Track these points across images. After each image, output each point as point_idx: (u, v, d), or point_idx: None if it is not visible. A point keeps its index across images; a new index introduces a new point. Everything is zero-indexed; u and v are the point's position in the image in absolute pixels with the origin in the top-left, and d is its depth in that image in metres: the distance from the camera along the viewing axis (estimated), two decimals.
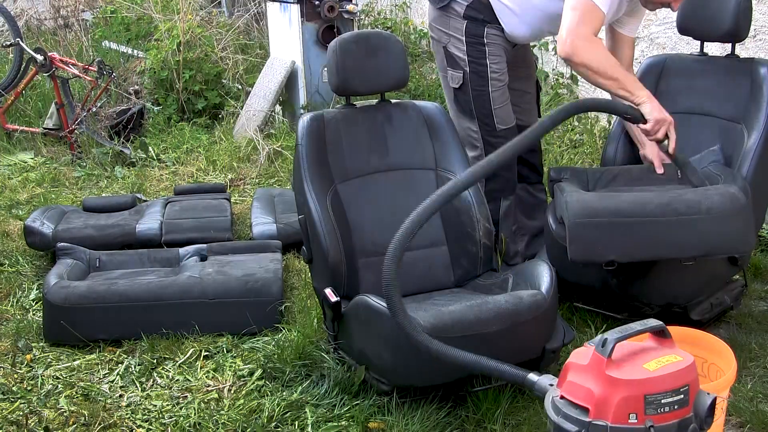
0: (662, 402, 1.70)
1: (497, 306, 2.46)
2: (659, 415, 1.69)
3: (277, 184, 4.86)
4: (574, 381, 1.75)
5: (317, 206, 2.71)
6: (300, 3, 5.49)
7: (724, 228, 2.67)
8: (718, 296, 3.02)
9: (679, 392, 1.71)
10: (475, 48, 2.68)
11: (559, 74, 5.49)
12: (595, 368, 1.71)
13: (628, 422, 1.69)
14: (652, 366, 1.73)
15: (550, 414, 1.77)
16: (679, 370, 1.72)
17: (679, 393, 1.71)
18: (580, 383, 1.73)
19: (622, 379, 1.69)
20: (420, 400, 2.52)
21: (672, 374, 1.71)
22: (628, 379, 1.69)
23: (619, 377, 1.69)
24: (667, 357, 1.76)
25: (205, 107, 5.98)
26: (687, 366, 1.74)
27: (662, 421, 1.70)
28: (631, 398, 1.68)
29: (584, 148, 4.88)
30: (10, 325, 3.14)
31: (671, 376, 1.71)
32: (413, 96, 5.84)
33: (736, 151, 3.01)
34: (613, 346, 1.70)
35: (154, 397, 2.70)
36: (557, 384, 1.81)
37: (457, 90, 2.67)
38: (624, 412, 1.68)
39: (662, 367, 1.73)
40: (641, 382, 1.69)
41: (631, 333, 1.75)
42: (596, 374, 1.71)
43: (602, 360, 1.71)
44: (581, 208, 2.70)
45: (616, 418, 1.68)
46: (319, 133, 2.84)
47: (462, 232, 2.93)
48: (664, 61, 3.35)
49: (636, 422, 1.69)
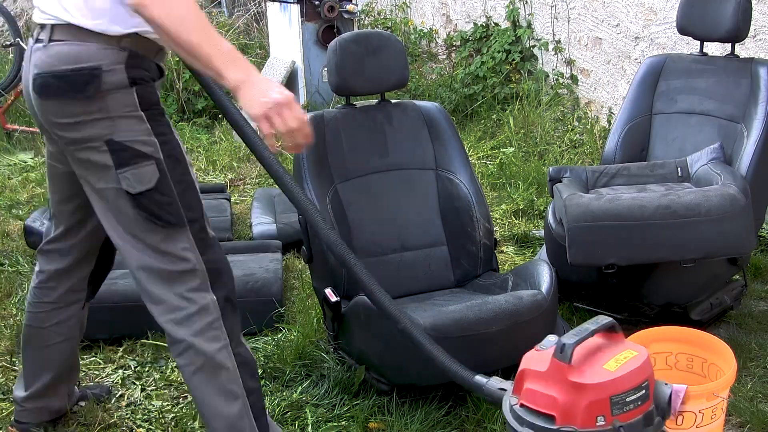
0: (627, 400, 1.71)
1: (497, 306, 2.46)
2: (625, 414, 1.71)
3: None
4: (534, 389, 1.73)
5: (317, 206, 2.71)
6: (300, 3, 5.49)
7: (723, 230, 2.67)
8: (718, 296, 3.02)
9: (641, 388, 1.73)
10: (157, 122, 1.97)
11: (559, 74, 5.49)
12: (556, 375, 1.70)
13: (596, 425, 1.69)
14: (612, 366, 1.74)
15: (512, 423, 1.75)
16: (638, 367, 1.74)
17: (641, 389, 1.73)
18: (541, 391, 1.72)
19: (587, 383, 1.68)
20: (420, 400, 2.52)
21: (633, 372, 1.72)
22: (592, 384, 1.68)
23: (583, 382, 1.68)
24: (624, 354, 1.78)
25: (205, 107, 5.99)
26: (644, 361, 1.76)
27: (629, 419, 1.71)
28: (598, 402, 1.68)
29: (584, 148, 4.89)
30: (10, 325, 3.14)
31: (632, 374, 1.72)
32: (413, 96, 5.84)
33: (736, 151, 3.01)
34: (572, 351, 1.69)
35: (154, 397, 2.70)
36: (514, 391, 1.80)
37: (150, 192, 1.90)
38: (591, 415, 1.69)
39: (622, 366, 1.74)
40: (605, 384, 1.69)
41: (586, 335, 1.75)
42: (558, 381, 1.70)
43: (563, 366, 1.70)
44: (580, 211, 2.70)
45: (583, 423, 1.68)
46: (319, 133, 2.83)
47: (462, 232, 2.93)
48: (664, 61, 3.35)
49: (604, 424, 1.69)
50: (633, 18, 4.83)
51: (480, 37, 6.05)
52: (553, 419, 1.70)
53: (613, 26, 5.01)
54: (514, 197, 4.35)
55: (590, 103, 5.32)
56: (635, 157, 3.29)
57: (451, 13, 6.72)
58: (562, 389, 1.69)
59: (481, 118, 5.57)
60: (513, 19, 5.78)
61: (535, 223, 4.16)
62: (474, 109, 5.67)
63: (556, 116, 5.34)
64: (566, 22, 5.39)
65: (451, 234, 2.95)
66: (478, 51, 6.05)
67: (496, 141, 5.17)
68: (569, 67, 5.44)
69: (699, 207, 2.65)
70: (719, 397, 2.20)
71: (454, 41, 6.41)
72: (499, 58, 5.75)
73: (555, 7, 5.45)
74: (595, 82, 5.25)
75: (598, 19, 5.14)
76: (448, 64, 6.47)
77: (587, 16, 5.23)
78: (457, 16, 6.62)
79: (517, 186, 4.48)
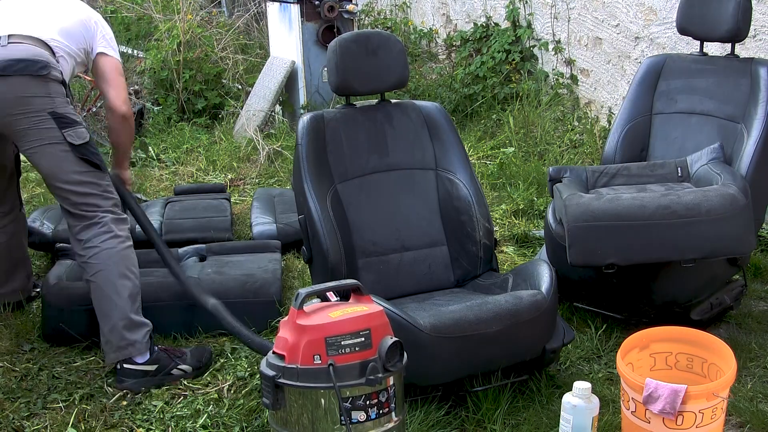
0: (342, 344, 1.98)
1: (497, 306, 2.46)
2: (341, 356, 1.98)
3: (277, 184, 4.86)
4: (279, 335, 2.05)
5: (317, 206, 2.71)
6: (300, 3, 5.49)
7: (724, 230, 2.67)
8: (718, 296, 3.02)
9: (359, 335, 2.00)
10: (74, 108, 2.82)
11: (559, 74, 5.49)
12: (290, 320, 2.02)
13: (313, 363, 1.97)
14: (336, 314, 2.02)
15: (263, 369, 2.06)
16: (359, 316, 2.01)
17: (360, 336, 2.00)
18: (281, 335, 2.04)
19: (306, 325, 1.98)
20: (419, 400, 2.52)
21: (352, 319, 2.00)
22: (310, 325, 1.98)
23: (304, 324, 1.98)
24: (354, 308, 2.07)
25: (205, 107, 5.99)
26: (370, 313, 2.04)
27: (344, 361, 1.97)
28: (314, 341, 1.97)
29: (584, 148, 4.89)
30: (10, 325, 3.14)
31: (350, 320, 2.00)
32: (413, 96, 5.84)
33: (736, 151, 3.01)
34: (303, 299, 2.02)
35: (154, 397, 2.70)
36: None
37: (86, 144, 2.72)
38: (309, 354, 1.97)
39: (345, 314, 2.02)
40: (322, 326, 1.98)
41: (321, 289, 2.12)
42: (290, 325, 2.01)
43: (294, 312, 2.00)
44: (580, 212, 2.70)
45: (303, 360, 1.98)
46: (319, 133, 2.84)
47: (462, 232, 2.93)
48: (664, 61, 3.35)
49: (320, 363, 1.97)
50: (633, 18, 4.83)
51: (480, 37, 6.05)
52: (284, 358, 2.00)
53: (613, 26, 5.01)
54: (514, 197, 4.35)
55: (590, 103, 5.32)
56: (635, 157, 3.29)
57: (451, 13, 6.72)
58: (291, 331, 2.00)
59: (481, 118, 5.57)
60: (513, 19, 5.78)
61: (535, 223, 4.16)
62: (474, 109, 5.68)
63: (556, 116, 5.34)
64: (566, 22, 5.39)
65: (451, 234, 2.95)
66: (478, 51, 6.05)
67: (496, 141, 5.17)
68: (569, 67, 5.44)
69: (699, 207, 2.65)
70: (719, 397, 2.21)
71: (454, 41, 6.41)
72: (499, 58, 5.75)
73: (555, 7, 5.45)
74: (595, 82, 5.25)
75: (598, 19, 5.14)
76: (448, 64, 6.47)
77: (587, 16, 5.23)
78: (457, 16, 6.62)
79: (517, 186, 4.48)
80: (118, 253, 2.74)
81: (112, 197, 2.80)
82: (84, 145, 2.71)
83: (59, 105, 2.70)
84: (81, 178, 2.71)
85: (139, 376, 2.71)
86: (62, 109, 2.70)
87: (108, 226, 2.74)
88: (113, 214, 2.77)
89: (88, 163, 2.72)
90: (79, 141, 2.70)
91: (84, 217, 2.74)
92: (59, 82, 2.73)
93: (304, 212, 2.76)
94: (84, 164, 2.71)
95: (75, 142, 2.69)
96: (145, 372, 2.72)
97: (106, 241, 2.73)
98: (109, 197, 2.79)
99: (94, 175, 2.74)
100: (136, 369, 2.71)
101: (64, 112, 2.70)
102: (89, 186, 2.73)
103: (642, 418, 2.26)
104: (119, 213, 2.81)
